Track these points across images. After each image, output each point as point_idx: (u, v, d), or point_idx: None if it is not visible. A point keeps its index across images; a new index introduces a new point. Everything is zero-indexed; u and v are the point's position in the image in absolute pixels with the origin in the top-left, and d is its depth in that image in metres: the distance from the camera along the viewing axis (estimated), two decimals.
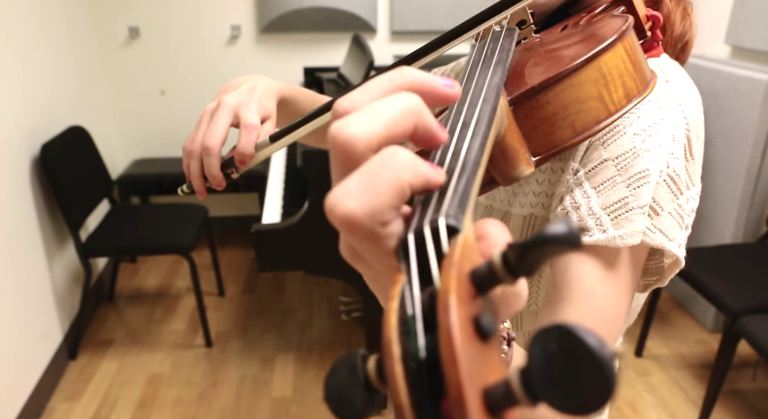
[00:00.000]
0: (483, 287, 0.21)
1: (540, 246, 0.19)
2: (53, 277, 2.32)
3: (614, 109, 0.40)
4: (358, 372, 0.21)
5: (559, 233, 0.18)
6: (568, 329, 0.16)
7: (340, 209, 0.24)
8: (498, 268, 0.20)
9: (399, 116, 0.26)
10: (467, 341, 0.19)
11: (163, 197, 3.24)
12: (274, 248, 1.85)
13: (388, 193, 0.24)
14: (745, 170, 2.30)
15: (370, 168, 0.24)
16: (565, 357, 0.16)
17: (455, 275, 0.20)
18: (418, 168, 0.25)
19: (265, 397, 2.22)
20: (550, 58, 0.44)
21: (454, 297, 0.19)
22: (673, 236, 0.53)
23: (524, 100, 0.39)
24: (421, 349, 0.20)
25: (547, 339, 0.17)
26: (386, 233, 0.25)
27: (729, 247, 2.30)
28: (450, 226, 0.23)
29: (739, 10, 2.39)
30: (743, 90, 2.27)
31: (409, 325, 0.20)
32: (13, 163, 2.08)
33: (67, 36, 2.63)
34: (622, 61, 0.41)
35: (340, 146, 0.26)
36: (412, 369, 0.19)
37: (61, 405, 2.17)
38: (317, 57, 3.14)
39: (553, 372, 0.16)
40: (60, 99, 2.50)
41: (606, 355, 0.16)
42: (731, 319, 1.89)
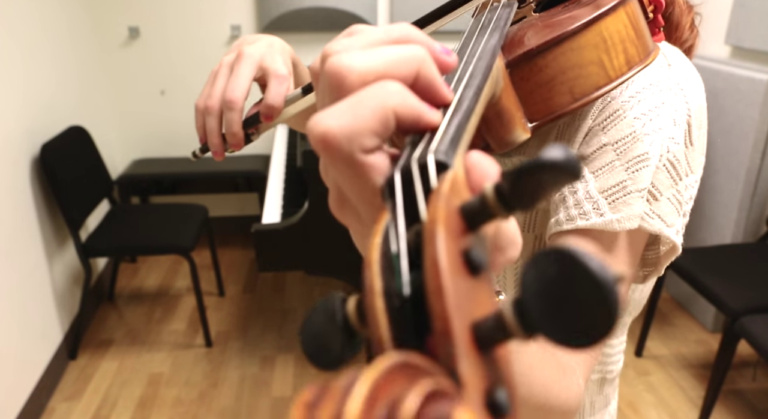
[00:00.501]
0: (474, 222, 0.20)
1: (535, 172, 0.17)
2: (53, 277, 2.31)
3: (615, 75, 0.39)
4: (337, 314, 0.20)
5: (555, 157, 0.17)
6: (568, 252, 0.15)
7: (319, 126, 0.23)
8: (490, 200, 0.19)
9: (401, 60, 0.25)
10: (455, 273, 0.17)
11: (163, 197, 3.24)
12: (274, 248, 1.84)
13: (370, 116, 0.23)
14: (745, 170, 2.30)
15: (357, 95, 0.24)
16: (563, 283, 0.15)
17: (443, 207, 0.19)
18: (408, 97, 0.24)
19: (265, 397, 2.22)
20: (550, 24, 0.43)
21: (442, 227, 0.18)
22: (671, 222, 0.53)
23: (521, 63, 0.37)
24: (405, 285, 0.18)
25: (544, 265, 0.15)
26: (367, 161, 0.23)
27: (729, 247, 2.30)
28: (439, 161, 0.22)
29: (739, 10, 2.39)
30: (743, 90, 2.27)
31: (393, 261, 0.19)
32: (13, 163, 2.08)
33: (67, 36, 2.63)
34: (624, 26, 0.40)
35: (334, 74, 0.24)
36: (394, 305, 0.18)
37: (61, 404, 2.17)
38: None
39: (551, 300, 0.15)
40: (60, 99, 2.50)
41: (609, 278, 0.14)
42: (731, 319, 1.89)
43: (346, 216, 0.27)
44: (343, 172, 0.24)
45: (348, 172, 0.24)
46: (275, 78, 0.58)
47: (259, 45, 0.60)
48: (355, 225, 0.27)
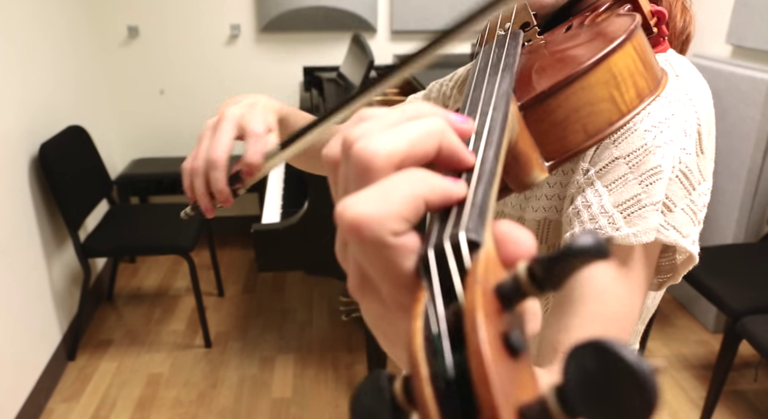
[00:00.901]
0: (509, 302, 0.20)
1: (567, 259, 0.18)
2: (52, 277, 2.31)
3: (626, 109, 0.40)
4: (385, 393, 0.21)
5: (587, 244, 0.18)
6: (605, 344, 0.16)
7: (350, 211, 0.23)
8: (524, 282, 0.20)
9: (423, 136, 0.26)
10: (498, 359, 0.18)
11: (162, 197, 3.23)
12: (273, 248, 1.84)
13: (401, 203, 0.23)
14: (747, 170, 2.29)
15: (386, 182, 0.24)
16: (603, 373, 0.16)
17: (480, 292, 0.20)
18: (436, 183, 0.25)
19: (265, 398, 2.21)
20: (559, 60, 0.43)
21: (482, 314, 0.19)
22: (687, 233, 0.53)
23: (535, 105, 0.38)
24: (450, 368, 0.19)
25: (583, 355, 0.16)
26: (397, 243, 0.24)
27: (730, 247, 2.29)
28: (471, 240, 0.23)
29: (741, 9, 2.38)
30: (744, 90, 2.26)
31: (435, 344, 0.20)
32: (12, 162, 2.07)
33: (66, 35, 2.63)
34: (633, 60, 0.40)
35: (361, 160, 0.25)
36: (441, 388, 0.19)
37: (60, 405, 2.16)
38: (317, 56, 3.13)
39: (591, 389, 0.16)
40: (59, 99, 2.49)
41: (647, 371, 0.15)
42: (732, 319, 1.88)
43: (366, 297, 0.27)
44: (372, 255, 0.24)
45: (377, 255, 0.24)
46: (252, 137, 0.61)
47: (240, 105, 0.64)
48: (375, 306, 0.27)
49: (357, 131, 0.27)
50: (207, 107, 3.17)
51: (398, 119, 0.28)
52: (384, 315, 0.27)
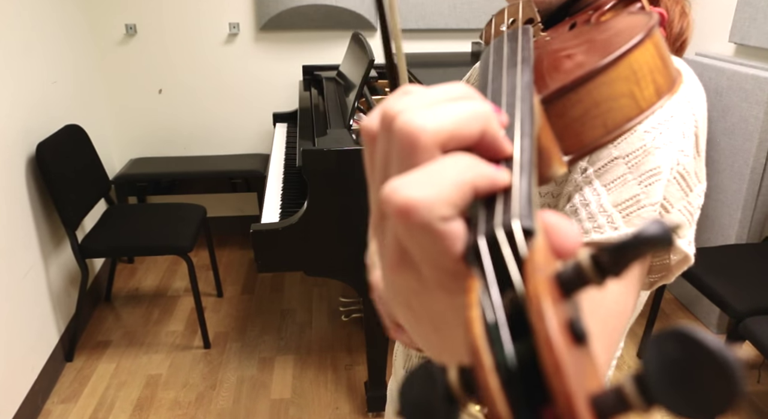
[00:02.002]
0: (569, 290, 0.20)
1: (636, 247, 0.18)
2: (49, 278, 2.29)
3: (645, 106, 0.40)
4: (438, 384, 0.20)
5: (656, 232, 0.18)
6: (689, 332, 0.16)
7: (400, 196, 0.23)
8: (587, 270, 0.20)
9: (469, 117, 0.26)
10: (567, 347, 0.18)
11: (160, 197, 3.22)
12: (273, 248, 1.83)
13: (450, 188, 0.23)
14: (750, 170, 2.28)
15: (435, 165, 0.24)
16: (686, 360, 0.16)
17: (543, 280, 0.20)
18: (483, 169, 0.25)
19: (264, 399, 2.20)
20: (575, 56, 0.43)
21: (549, 302, 0.19)
22: (683, 234, 0.54)
23: (555, 99, 0.38)
24: (511, 358, 0.19)
25: (665, 344, 0.16)
26: (445, 229, 0.23)
27: (733, 247, 2.28)
28: (525, 228, 0.23)
29: (744, 7, 2.37)
30: (748, 88, 2.25)
31: (493, 334, 0.20)
32: (9, 162, 2.06)
33: (64, 34, 2.61)
34: (652, 57, 0.40)
35: (405, 135, 0.25)
36: (504, 379, 0.19)
37: (58, 407, 2.15)
38: (316, 55, 3.12)
39: (673, 377, 0.16)
40: (56, 97, 2.48)
41: (731, 359, 0.15)
42: (735, 320, 1.87)
43: (402, 274, 0.27)
44: (419, 239, 0.24)
45: (424, 239, 0.24)
46: None
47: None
48: (411, 283, 0.27)
49: (400, 104, 0.26)
50: (205, 107, 3.15)
51: (442, 97, 0.27)
52: (419, 292, 0.27)
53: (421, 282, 0.26)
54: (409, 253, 0.26)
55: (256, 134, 3.25)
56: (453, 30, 3.13)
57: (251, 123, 3.22)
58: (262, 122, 3.20)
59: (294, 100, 3.15)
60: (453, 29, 3.12)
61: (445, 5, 3.07)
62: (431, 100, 0.27)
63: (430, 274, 0.25)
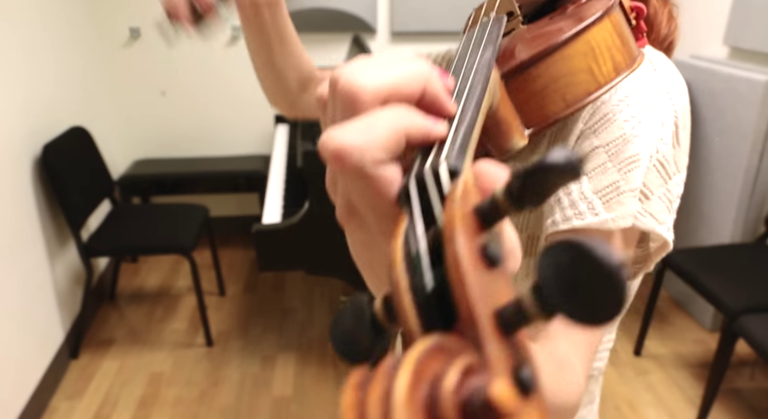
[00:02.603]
0: (488, 221, 0.21)
1: (540, 173, 0.19)
2: (55, 277, 2.32)
3: (603, 81, 0.41)
4: (365, 311, 0.21)
5: (559, 160, 0.19)
6: (577, 242, 0.17)
7: (334, 142, 0.24)
8: (501, 200, 0.20)
9: (409, 76, 0.27)
10: (475, 266, 0.19)
11: (164, 197, 3.25)
12: (274, 247, 1.85)
13: (383, 134, 0.24)
14: (744, 171, 2.31)
15: (369, 115, 0.25)
16: (576, 268, 0.16)
17: (459, 208, 0.21)
18: (418, 119, 0.26)
19: (266, 396, 2.23)
20: (539, 36, 0.44)
21: (459, 225, 0.20)
22: (663, 220, 0.55)
23: (516, 74, 0.39)
24: (428, 280, 0.20)
25: (557, 254, 0.17)
26: (378, 172, 0.24)
27: (727, 247, 2.31)
28: (451, 168, 0.24)
29: (738, 10, 2.40)
30: (742, 90, 2.28)
31: (414, 261, 0.21)
32: (15, 163, 2.09)
33: (69, 37, 2.64)
34: (610, 35, 0.42)
35: (347, 92, 0.26)
36: (420, 300, 0.20)
37: (63, 403, 2.18)
38: (317, 58, 3.14)
39: (566, 284, 0.17)
40: (61, 100, 2.51)
41: (615, 263, 0.16)
42: (729, 318, 1.89)
43: (351, 224, 0.29)
44: (356, 184, 0.25)
45: (361, 184, 0.25)
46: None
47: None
48: (360, 233, 0.29)
49: (346, 68, 0.27)
50: (208, 109, 3.18)
51: (387, 61, 0.28)
52: (367, 242, 0.28)
53: (368, 233, 0.28)
54: (354, 204, 0.27)
55: (257, 135, 3.27)
56: (452, 32, 3.16)
57: (253, 124, 3.25)
58: (263, 123, 3.23)
59: None
60: (452, 32, 3.15)
61: (445, 8, 3.10)
62: (377, 62, 0.28)
63: (372, 220, 0.26)
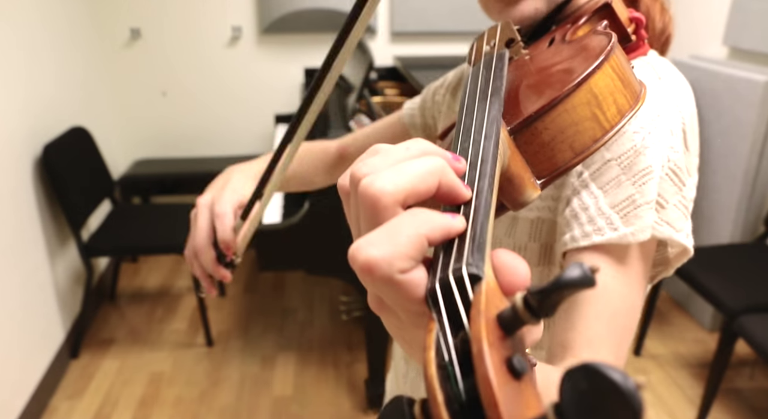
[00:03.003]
0: (510, 330, 0.23)
1: (559, 290, 0.21)
2: (55, 277, 2.33)
3: (609, 126, 0.42)
4: (406, 416, 0.23)
5: (575, 277, 0.21)
6: (594, 367, 0.18)
7: (362, 256, 0.26)
8: (521, 312, 0.22)
9: (424, 174, 0.29)
10: (504, 383, 0.20)
11: (164, 197, 3.25)
12: (274, 247, 1.85)
13: (406, 243, 0.26)
14: (743, 171, 2.31)
15: (392, 223, 0.27)
16: (594, 392, 0.18)
17: (484, 323, 0.22)
18: (437, 222, 0.28)
19: (266, 396, 2.23)
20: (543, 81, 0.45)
21: (486, 344, 0.21)
22: (680, 227, 0.55)
23: (523, 129, 0.40)
24: (461, 393, 0.22)
25: (576, 378, 0.19)
26: (405, 279, 0.26)
27: (727, 247, 2.31)
28: (472, 274, 0.25)
29: (737, 11, 2.40)
30: (741, 91, 2.28)
31: (447, 371, 0.22)
32: (16, 163, 2.09)
33: (69, 37, 2.65)
34: (611, 79, 0.42)
35: (369, 199, 0.28)
36: (455, 411, 0.21)
37: (63, 403, 2.18)
38: (318, 58, 3.15)
39: (584, 406, 0.18)
40: (62, 100, 2.51)
41: (631, 388, 0.18)
42: (729, 318, 1.89)
43: (384, 315, 0.31)
44: (384, 290, 0.27)
45: (389, 290, 0.27)
46: (216, 218, 0.72)
47: (212, 189, 0.76)
48: (393, 320, 0.31)
49: (364, 168, 0.30)
50: (209, 109, 3.19)
51: (403, 156, 0.30)
52: (400, 327, 0.31)
53: (400, 321, 0.30)
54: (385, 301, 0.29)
55: (258, 135, 3.28)
56: (452, 33, 3.16)
57: (253, 124, 3.25)
58: (264, 123, 3.24)
59: (295, 102, 3.19)
60: (452, 32, 3.15)
61: (445, 8, 3.10)
62: (392, 159, 0.30)
63: (403, 316, 0.29)
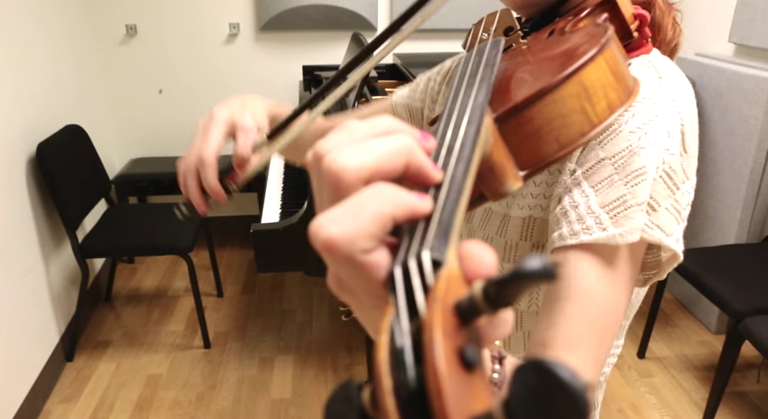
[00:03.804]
0: (467, 319, 0.22)
1: (518, 281, 0.20)
2: (50, 278, 2.30)
3: (597, 121, 0.41)
4: (353, 402, 0.22)
5: (534, 268, 0.19)
6: (544, 364, 0.18)
7: (323, 233, 0.25)
8: (479, 301, 0.21)
9: (391, 153, 0.27)
10: (453, 373, 0.20)
11: (161, 197, 3.22)
12: (273, 248, 1.83)
13: (369, 221, 0.25)
14: (750, 170, 2.28)
15: (356, 199, 0.26)
16: (542, 388, 0.17)
17: (439, 310, 0.21)
18: (402, 200, 0.26)
19: (264, 399, 2.20)
20: (534, 71, 0.44)
21: (439, 331, 0.20)
22: (671, 231, 0.54)
23: (509, 117, 0.39)
24: (411, 380, 0.20)
25: (527, 373, 0.18)
26: (366, 260, 0.25)
27: (733, 247, 2.28)
28: (434, 259, 0.24)
29: (743, 7, 2.37)
30: (747, 88, 2.25)
31: (399, 357, 0.21)
32: (9, 162, 2.06)
33: (64, 33, 2.61)
34: (604, 73, 0.41)
35: (332, 175, 0.27)
36: (403, 399, 0.20)
37: (58, 407, 2.15)
38: (317, 55, 3.12)
39: (533, 403, 0.18)
40: (56, 98, 2.48)
41: (578, 387, 0.17)
42: (735, 320, 1.87)
43: (344, 296, 0.30)
44: (344, 270, 0.26)
45: (350, 270, 0.26)
46: (241, 131, 0.65)
47: (230, 106, 0.68)
48: (354, 303, 0.30)
49: (327, 144, 0.28)
50: (206, 107, 3.15)
51: (368, 133, 0.29)
52: (360, 308, 0.30)
53: (360, 302, 0.29)
54: (345, 282, 0.28)
55: None
56: (452, 30, 3.13)
57: None
58: None
59: (294, 100, 3.15)
60: (452, 29, 3.12)
61: (445, 6, 3.07)
62: (357, 136, 0.29)
63: (362, 297, 0.27)
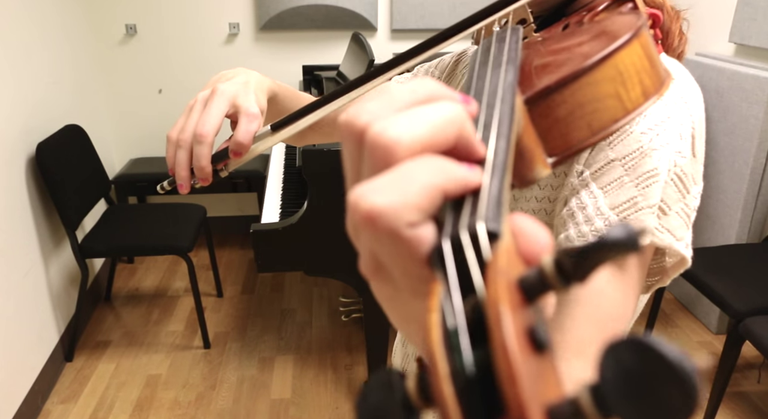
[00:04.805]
0: (532, 296, 0.20)
1: (600, 251, 0.18)
2: (49, 278, 2.29)
3: (631, 107, 0.39)
4: (396, 391, 0.20)
5: (620, 236, 0.17)
6: (646, 341, 0.15)
7: (365, 203, 0.22)
8: (550, 275, 0.19)
9: (444, 124, 0.25)
10: (524, 355, 0.17)
11: (160, 197, 3.22)
12: (273, 248, 1.83)
13: (418, 193, 0.23)
14: (750, 170, 2.28)
15: (404, 169, 0.23)
16: (643, 371, 0.15)
17: (504, 285, 0.19)
18: (454, 172, 0.24)
19: (264, 399, 2.20)
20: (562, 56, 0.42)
21: (507, 307, 0.18)
22: (681, 236, 0.53)
23: (539, 100, 0.37)
24: (470, 365, 0.18)
25: (621, 353, 0.16)
26: (412, 234, 0.23)
27: (733, 247, 2.28)
28: (490, 231, 0.22)
29: (744, 7, 2.37)
30: (748, 88, 2.25)
31: (453, 340, 0.19)
32: (9, 162, 2.06)
33: (64, 33, 2.61)
34: (639, 58, 0.40)
35: (382, 147, 0.24)
36: (461, 386, 0.18)
37: (57, 407, 2.15)
38: (316, 55, 3.12)
39: (629, 388, 0.15)
40: (56, 97, 2.48)
41: (688, 369, 0.15)
42: (735, 320, 1.87)
43: (377, 280, 0.27)
44: (386, 245, 0.23)
45: (391, 245, 0.23)
46: (245, 116, 0.59)
47: (234, 81, 0.62)
48: (387, 289, 0.27)
49: (367, 112, 0.25)
50: None
51: (410, 100, 0.26)
52: (395, 298, 0.27)
53: (396, 288, 0.26)
54: (381, 260, 0.25)
55: None
56: None
57: None
58: None
59: None
60: None
61: (445, 6, 3.07)
62: (400, 103, 0.26)
63: (401, 280, 0.25)
